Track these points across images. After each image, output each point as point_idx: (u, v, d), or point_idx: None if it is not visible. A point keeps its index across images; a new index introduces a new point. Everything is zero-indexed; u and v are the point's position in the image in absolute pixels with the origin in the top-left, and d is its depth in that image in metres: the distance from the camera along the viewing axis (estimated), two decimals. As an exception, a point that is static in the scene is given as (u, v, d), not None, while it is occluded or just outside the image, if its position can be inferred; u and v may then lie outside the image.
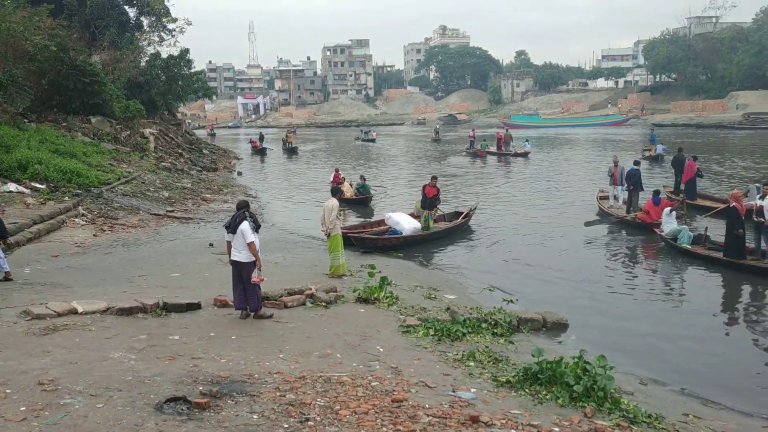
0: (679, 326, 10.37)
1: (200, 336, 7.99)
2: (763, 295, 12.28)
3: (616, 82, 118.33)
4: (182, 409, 5.35)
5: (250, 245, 8.83)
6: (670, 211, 15.87)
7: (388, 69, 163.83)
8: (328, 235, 12.48)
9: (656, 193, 17.81)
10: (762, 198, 13.42)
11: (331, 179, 24.53)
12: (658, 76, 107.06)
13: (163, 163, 28.22)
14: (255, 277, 8.91)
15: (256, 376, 6.41)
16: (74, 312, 8.65)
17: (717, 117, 77.23)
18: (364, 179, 23.92)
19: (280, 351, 7.53)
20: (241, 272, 8.96)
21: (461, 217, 18.44)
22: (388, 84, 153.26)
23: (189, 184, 25.42)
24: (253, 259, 8.91)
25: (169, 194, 22.19)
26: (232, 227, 8.98)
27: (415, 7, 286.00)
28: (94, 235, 15.53)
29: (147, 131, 32.12)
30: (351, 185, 23.91)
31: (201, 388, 5.90)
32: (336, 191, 13.39)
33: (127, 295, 9.83)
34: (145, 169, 25.40)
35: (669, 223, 15.52)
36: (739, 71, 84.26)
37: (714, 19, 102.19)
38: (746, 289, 12.67)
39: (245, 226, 8.83)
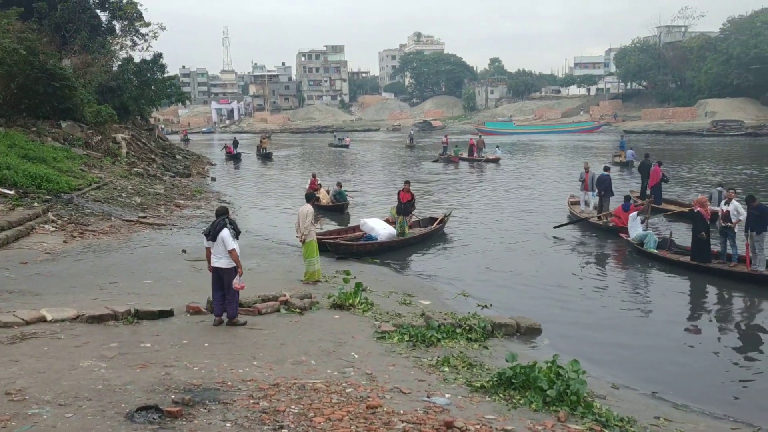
0: (650, 330, 10.53)
1: (172, 343, 7.90)
2: (729, 298, 12.55)
3: (588, 90, 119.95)
4: (154, 418, 5.27)
5: (232, 252, 8.87)
6: (637, 215, 16.15)
7: (363, 75, 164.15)
8: (303, 241, 12.44)
9: (627, 198, 18.11)
10: (726, 203, 13.75)
11: (308, 185, 24.37)
12: (629, 84, 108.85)
13: (136, 169, 27.85)
14: (236, 283, 8.94)
15: (229, 383, 6.35)
16: (43, 320, 8.49)
17: (686, 124, 78.79)
18: (341, 186, 23.77)
19: (253, 358, 7.47)
20: (223, 278, 8.96)
21: (436, 222, 18.50)
22: (363, 90, 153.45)
23: (162, 189, 25.14)
24: (235, 264, 8.92)
25: (141, 200, 21.93)
26: (212, 234, 8.97)
27: (390, 13, 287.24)
28: (64, 242, 15.27)
29: (119, 136, 31.67)
30: (328, 192, 23.74)
31: (173, 396, 5.82)
32: (311, 197, 13.38)
33: (98, 303, 9.68)
34: (117, 174, 25.06)
35: (635, 228, 15.76)
36: (708, 79, 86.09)
37: (683, 29, 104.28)
38: (713, 292, 12.94)
39: (225, 233, 8.88)
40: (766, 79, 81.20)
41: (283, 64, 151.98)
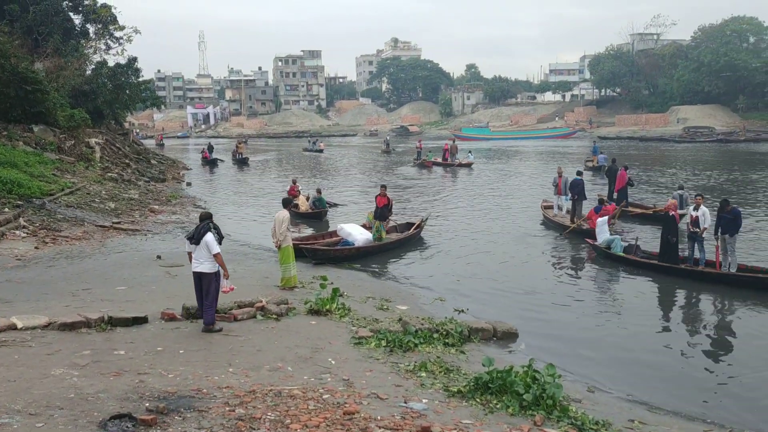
0: (623, 333, 10.64)
1: (147, 351, 7.81)
2: (699, 300, 12.82)
3: (563, 96, 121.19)
4: (127, 427, 5.20)
5: (217, 256, 9.00)
6: (609, 218, 16.36)
7: (341, 80, 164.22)
8: (279, 247, 12.38)
9: (600, 202, 18.43)
10: (696, 209, 14.03)
11: (288, 191, 24.07)
12: (603, 91, 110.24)
13: (110, 174, 27.51)
14: (225, 287, 9.18)
15: (204, 390, 6.29)
16: (13, 327, 8.34)
17: (659, 130, 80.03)
18: (320, 192, 23.32)
19: (229, 365, 7.41)
20: (202, 283, 9.04)
21: (413, 227, 18.53)
22: (340, 95, 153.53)
23: (136, 195, 24.86)
24: (216, 269, 9.04)
25: (115, 205, 21.65)
26: (195, 238, 9.06)
27: (367, 19, 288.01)
28: (36, 248, 15.01)
29: (92, 141, 31.27)
30: (307, 198, 23.28)
31: (147, 404, 5.75)
32: (287, 202, 13.30)
33: (70, 310, 9.53)
34: (91, 179, 24.73)
35: (602, 233, 15.89)
36: (680, 86, 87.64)
37: (655, 37, 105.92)
38: (683, 294, 13.22)
39: (210, 237, 8.99)
40: (736, 86, 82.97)
41: (260, 68, 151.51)
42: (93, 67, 39.48)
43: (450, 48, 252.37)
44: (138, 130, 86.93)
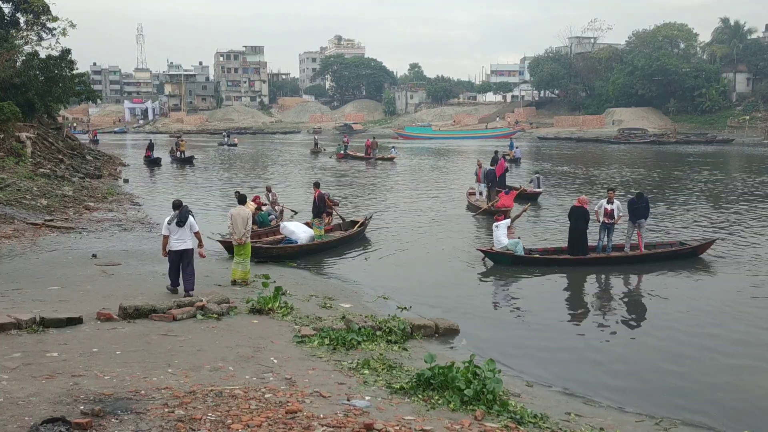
0: (559, 328, 10.94)
1: (81, 352, 7.57)
2: (615, 285, 13.93)
3: (504, 97, 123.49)
4: (61, 431, 5.03)
5: (197, 234, 11.42)
6: (511, 222, 16.36)
7: (283, 77, 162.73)
8: (241, 243, 12.44)
9: (508, 188, 21.88)
10: (609, 202, 15.31)
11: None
12: (542, 92, 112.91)
13: (42, 170, 26.48)
14: (203, 252, 11.76)
15: (142, 392, 6.14)
16: (-63, 330, 7.95)
17: (595, 131, 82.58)
18: (274, 203, 19.83)
19: (168, 365, 7.26)
20: (183, 258, 11.06)
21: (357, 226, 18.51)
22: (283, 92, 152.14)
23: (70, 191, 24.02)
24: (194, 246, 11.30)
25: (48, 202, 20.86)
26: (181, 221, 11.01)
27: (310, 16, 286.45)
28: (-39, 247, 14.35)
29: (23, 135, 30.03)
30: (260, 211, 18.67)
31: (82, 407, 5.58)
32: (244, 198, 13.34)
33: (-1, 311, 9.15)
34: (21, 175, 23.76)
35: (502, 239, 15.34)
36: (615, 89, 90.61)
37: (592, 40, 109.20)
38: (600, 282, 14.16)
39: (192, 219, 11.24)
40: (667, 90, 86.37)
41: (201, 63, 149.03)
42: (24, 58, 37.84)
43: (393, 47, 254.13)
44: (75, 125, 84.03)
